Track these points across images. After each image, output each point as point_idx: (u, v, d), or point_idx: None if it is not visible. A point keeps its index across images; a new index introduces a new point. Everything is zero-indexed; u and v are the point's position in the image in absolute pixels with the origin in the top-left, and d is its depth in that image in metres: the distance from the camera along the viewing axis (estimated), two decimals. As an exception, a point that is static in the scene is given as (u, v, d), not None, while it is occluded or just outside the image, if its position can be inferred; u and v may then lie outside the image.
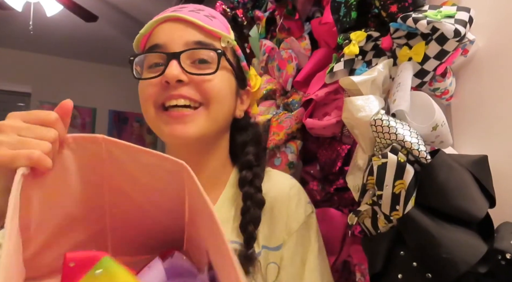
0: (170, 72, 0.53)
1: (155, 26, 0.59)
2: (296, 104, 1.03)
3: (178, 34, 0.56)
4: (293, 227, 0.60)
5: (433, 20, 0.59)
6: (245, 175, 0.61)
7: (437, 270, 0.49)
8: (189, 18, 0.56)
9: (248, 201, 0.58)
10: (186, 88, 0.55)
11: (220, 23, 0.60)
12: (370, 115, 0.57)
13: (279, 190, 0.62)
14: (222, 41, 0.58)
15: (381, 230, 0.57)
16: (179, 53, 0.54)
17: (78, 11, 2.64)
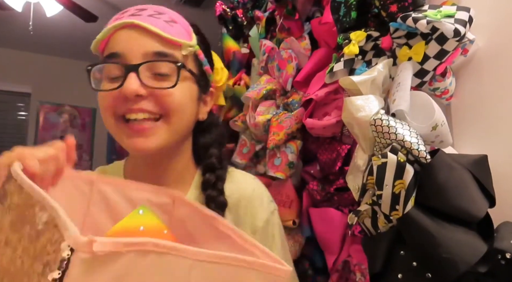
0: (128, 87, 0.51)
1: (113, 32, 0.55)
2: (296, 104, 1.03)
3: (137, 43, 0.53)
4: (257, 225, 0.62)
5: (433, 20, 0.59)
6: (208, 178, 0.62)
7: (437, 270, 0.49)
8: (148, 26, 0.53)
9: (211, 204, 0.60)
10: (146, 101, 0.53)
11: (181, 28, 0.57)
12: (370, 115, 0.57)
13: (243, 191, 0.64)
14: (183, 49, 0.56)
15: (381, 230, 0.57)
16: (137, 65, 0.52)
17: (78, 11, 2.64)
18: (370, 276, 0.57)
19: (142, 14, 0.55)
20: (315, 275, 1.01)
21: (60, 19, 3.00)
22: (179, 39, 0.55)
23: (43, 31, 3.34)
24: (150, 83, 0.53)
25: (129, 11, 0.57)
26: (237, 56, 1.46)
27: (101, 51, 0.58)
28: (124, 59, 0.54)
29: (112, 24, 0.54)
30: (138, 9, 0.57)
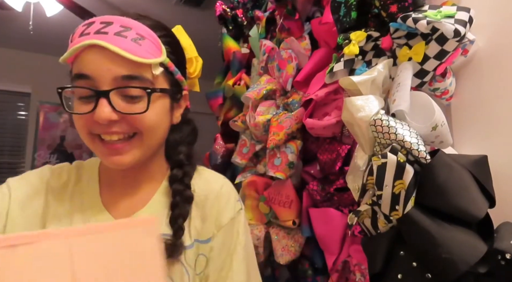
0: (100, 114, 0.53)
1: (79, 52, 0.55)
2: (296, 104, 1.03)
3: (105, 67, 0.53)
4: (223, 222, 0.64)
5: (433, 20, 0.59)
6: (176, 174, 0.65)
7: (437, 270, 0.49)
8: (115, 49, 0.52)
9: (177, 197, 0.62)
10: (118, 124, 0.55)
11: (149, 43, 0.56)
12: (370, 115, 0.57)
13: (211, 188, 0.66)
14: (153, 69, 0.56)
15: (381, 230, 0.57)
16: (107, 92, 0.53)
17: (78, 11, 2.64)
18: (370, 276, 0.57)
19: (109, 31, 0.54)
20: (315, 275, 1.01)
21: (60, 19, 3.00)
22: (148, 60, 0.54)
23: (43, 31, 3.34)
24: (121, 108, 0.54)
25: (95, 25, 0.55)
26: (237, 56, 1.46)
27: (70, 64, 0.59)
28: (93, 82, 0.54)
29: (78, 44, 0.53)
30: (104, 23, 0.56)
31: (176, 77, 0.62)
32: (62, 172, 0.67)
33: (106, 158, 0.57)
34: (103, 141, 0.56)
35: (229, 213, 0.64)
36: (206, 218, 0.63)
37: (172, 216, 0.60)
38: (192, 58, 0.69)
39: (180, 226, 0.59)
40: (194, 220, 0.63)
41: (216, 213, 0.64)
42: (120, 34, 0.54)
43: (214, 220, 0.63)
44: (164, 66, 0.58)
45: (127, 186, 0.65)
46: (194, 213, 0.63)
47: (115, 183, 0.65)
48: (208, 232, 0.63)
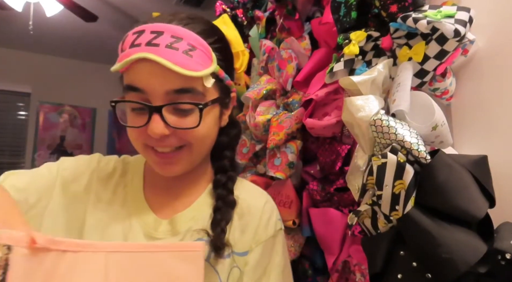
0: (152, 130, 0.54)
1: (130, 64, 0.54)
2: (296, 104, 1.03)
3: (158, 81, 0.54)
4: (261, 238, 0.63)
5: (433, 20, 0.59)
6: (220, 179, 0.65)
7: (437, 270, 0.49)
8: (166, 64, 0.51)
9: (219, 201, 0.63)
10: (170, 138, 0.56)
11: (201, 53, 0.55)
12: (370, 115, 0.57)
13: (255, 202, 0.66)
14: (205, 81, 0.56)
15: (381, 230, 0.57)
16: (160, 107, 0.54)
17: (78, 11, 2.64)
18: (370, 276, 0.57)
19: (160, 43, 0.53)
20: (315, 275, 1.01)
21: (60, 19, 3.00)
22: (199, 73, 0.54)
23: (43, 31, 3.34)
24: (173, 123, 0.55)
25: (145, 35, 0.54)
26: (237, 56, 1.46)
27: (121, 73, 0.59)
28: (146, 96, 0.55)
29: (130, 56, 0.53)
30: (155, 33, 0.54)
31: (226, 83, 0.62)
32: (110, 162, 0.69)
33: (158, 166, 0.59)
34: (156, 151, 0.58)
35: (270, 230, 0.64)
36: (246, 230, 0.63)
37: (215, 219, 0.60)
38: (238, 52, 0.67)
39: (223, 228, 0.59)
40: (234, 230, 0.62)
41: (256, 228, 0.63)
42: (171, 47, 0.53)
43: (254, 234, 0.63)
44: (215, 74, 0.58)
45: (171, 186, 0.65)
46: (234, 223, 0.63)
47: (159, 181, 0.66)
48: (245, 245, 0.62)
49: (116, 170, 0.68)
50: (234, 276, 0.60)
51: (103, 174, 0.66)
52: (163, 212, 0.63)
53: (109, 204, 0.63)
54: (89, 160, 0.68)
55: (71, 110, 4.12)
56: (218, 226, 0.59)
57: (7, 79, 3.82)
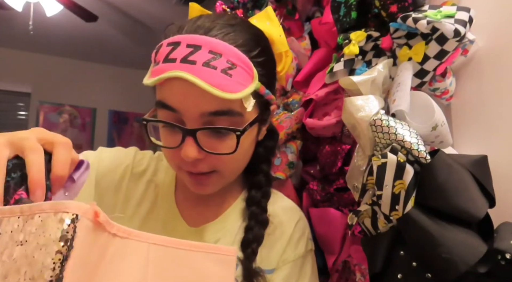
0: (186, 154, 0.51)
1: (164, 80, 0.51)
2: (296, 104, 1.03)
3: (193, 102, 0.50)
4: (290, 257, 0.61)
5: (433, 20, 0.59)
6: (254, 195, 0.62)
7: (437, 270, 0.49)
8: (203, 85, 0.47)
9: (252, 220, 0.60)
10: (205, 163, 0.53)
11: (241, 71, 0.50)
12: (370, 115, 0.57)
13: (287, 218, 0.63)
14: (245, 102, 0.51)
15: (381, 230, 0.57)
16: (194, 131, 0.50)
17: (78, 11, 2.64)
18: (370, 276, 0.57)
19: (197, 60, 0.48)
20: (315, 275, 1.01)
21: (60, 19, 3.00)
22: (238, 95, 0.49)
23: (43, 31, 3.34)
24: (208, 147, 0.52)
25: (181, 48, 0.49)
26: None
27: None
28: (179, 115, 0.51)
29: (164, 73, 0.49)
30: (192, 47, 0.49)
31: (267, 98, 0.57)
32: (144, 158, 0.67)
33: (190, 185, 0.58)
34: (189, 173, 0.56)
35: (299, 249, 0.62)
36: (274, 247, 0.60)
37: (246, 239, 0.58)
38: (281, 53, 0.61)
39: (254, 250, 0.57)
40: (263, 247, 0.59)
41: (285, 246, 0.61)
42: (209, 65, 0.48)
43: (282, 252, 0.60)
44: (255, 92, 0.53)
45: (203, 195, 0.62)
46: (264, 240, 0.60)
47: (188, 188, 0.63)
48: (272, 262, 0.60)
49: (149, 168, 0.66)
50: None
51: (136, 170, 0.65)
52: (192, 220, 0.61)
53: (138, 205, 0.61)
54: (125, 154, 0.66)
55: (71, 110, 4.12)
56: (249, 247, 0.57)
57: (7, 79, 3.82)
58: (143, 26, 3.16)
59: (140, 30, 3.22)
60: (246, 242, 0.58)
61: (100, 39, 3.62)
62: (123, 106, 4.32)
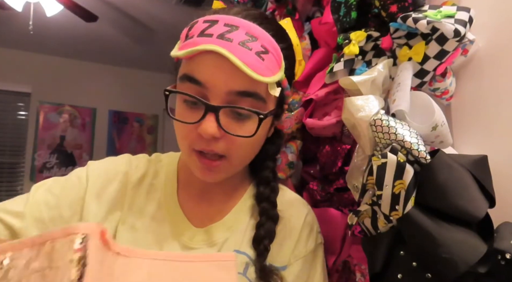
0: (205, 130, 0.50)
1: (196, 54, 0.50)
2: (296, 104, 1.03)
3: (222, 78, 0.49)
4: (301, 253, 0.61)
5: (433, 20, 0.59)
6: (263, 191, 0.62)
7: (437, 270, 0.49)
8: (238, 63, 0.47)
9: (263, 216, 0.59)
10: (220, 143, 0.52)
11: (272, 58, 0.51)
12: (370, 115, 0.57)
13: (296, 213, 0.63)
14: (270, 88, 0.51)
15: (381, 230, 0.57)
16: (218, 108, 0.50)
17: (78, 11, 2.64)
18: (370, 276, 0.57)
19: (233, 39, 0.49)
20: (315, 275, 1.01)
21: (60, 19, 3.00)
22: (268, 79, 0.50)
23: (43, 31, 3.34)
24: (228, 127, 0.51)
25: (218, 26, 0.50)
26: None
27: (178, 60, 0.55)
28: (205, 91, 0.50)
29: (198, 46, 0.48)
30: (229, 27, 0.50)
31: (285, 93, 0.58)
32: (140, 164, 0.65)
33: (198, 171, 0.55)
34: (200, 156, 0.54)
35: (310, 244, 0.62)
36: (285, 243, 0.60)
37: (257, 236, 0.57)
38: (296, 61, 0.64)
39: (266, 247, 0.56)
40: (274, 243, 0.59)
41: (296, 241, 0.60)
42: (244, 45, 0.49)
43: (293, 247, 0.60)
44: (279, 83, 0.54)
45: (207, 191, 0.62)
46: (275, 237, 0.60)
47: (194, 184, 0.63)
48: (283, 259, 0.59)
49: (148, 173, 0.64)
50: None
51: (134, 178, 0.62)
52: (198, 220, 0.60)
53: (141, 213, 0.60)
54: (118, 163, 0.64)
55: (71, 110, 4.12)
56: (261, 244, 0.56)
57: (7, 79, 3.82)
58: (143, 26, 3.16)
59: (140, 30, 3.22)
60: (258, 238, 0.57)
61: (100, 39, 3.61)
62: (123, 106, 4.32)
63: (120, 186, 0.61)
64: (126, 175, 0.62)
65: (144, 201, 0.61)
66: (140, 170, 0.64)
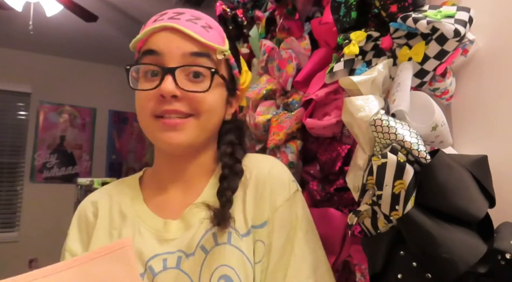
0: (165, 88, 0.55)
1: (151, 33, 0.59)
2: (296, 104, 1.03)
3: (175, 45, 0.57)
4: (277, 204, 0.61)
5: (433, 20, 0.59)
6: (225, 150, 0.65)
7: (437, 270, 0.49)
8: (186, 30, 0.56)
9: (226, 170, 0.62)
10: (180, 103, 0.57)
11: (216, 33, 0.60)
12: (370, 115, 0.57)
13: (261, 169, 0.64)
14: (218, 54, 0.59)
15: (381, 230, 0.57)
16: (174, 68, 0.56)
17: (78, 11, 2.64)
18: (370, 276, 0.57)
19: (181, 18, 0.58)
20: (315, 275, 1.01)
21: (60, 19, 3.00)
22: (215, 44, 0.58)
23: (43, 31, 3.34)
24: (185, 86, 0.57)
25: (167, 14, 0.60)
26: (237, 56, 1.46)
27: (138, 49, 0.62)
28: (161, 57, 0.57)
29: (152, 26, 0.58)
30: (176, 13, 0.60)
31: (234, 72, 0.65)
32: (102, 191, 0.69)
33: (163, 135, 0.58)
34: (162, 118, 0.58)
35: (283, 194, 0.61)
36: (260, 201, 0.61)
37: (220, 188, 0.60)
38: (243, 70, 0.71)
39: (229, 198, 0.58)
40: (248, 205, 0.60)
41: (269, 195, 0.61)
42: (191, 21, 0.58)
43: (268, 202, 0.60)
44: (226, 57, 0.61)
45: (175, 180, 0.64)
46: (247, 197, 0.61)
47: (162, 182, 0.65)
48: (262, 216, 0.60)
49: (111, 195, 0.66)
50: (259, 251, 0.58)
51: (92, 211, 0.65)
52: (172, 213, 0.62)
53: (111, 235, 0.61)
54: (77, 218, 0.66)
55: (71, 110, 4.12)
56: (223, 196, 0.58)
57: (7, 79, 3.82)
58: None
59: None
60: (221, 190, 0.60)
61: (100, 39, 3.61)
62: (123, 106, 4.32)
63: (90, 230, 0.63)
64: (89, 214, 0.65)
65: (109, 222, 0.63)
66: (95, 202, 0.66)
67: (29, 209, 3.77)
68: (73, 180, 3.55)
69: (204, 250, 0.57)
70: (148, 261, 0.56)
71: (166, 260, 0.57)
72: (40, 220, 3.73)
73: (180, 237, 0.59)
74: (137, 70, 0.62)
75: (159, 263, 0.56)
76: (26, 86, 3.91)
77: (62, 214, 3.25)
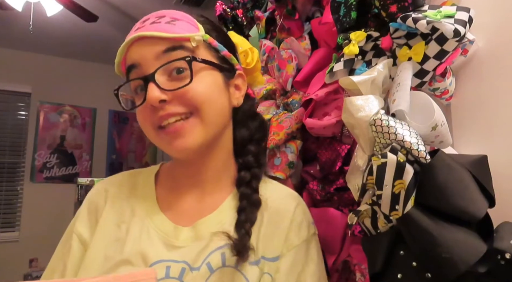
0: (150, 97, 0.54)
1: (126, 51, 0.58)
2: (296, 104, 1.03)
3: (147, 50, 0.56)
4: (294, 242, 0.60)
5: (432, 20, 0.59)
6: (243, 176, 0.62)
7: (436, 270, 0.49)
8: (150, 33, 0.55)
9: (244, 201, 0.60)
10: (171, 105, 0.55)
11: (184, 23, 0.58)
12: (369, 115, 0.57)
13: (285, 203, 0.63)
14: (192, 41, 0.57)
15: (381, 230, 0.57)
16: (152, 74, 0.55)
17: (78, 11, 2.64)
18: (370, 276, 0.57)
19: (145, 24, 0.57)
20: (315, 275, 1.01)
21: (60, 19, 3.00)
22: (183, 34, 0.56)
23: (43, 31, 3.34)
24: (169, 86, 0.55)
25: (135, 27, 0.59)
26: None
27: (124, 70, 0.61)
28: (141, 69, 0.56)
29: (122, 45, 0.57)
30: (141, 21, 0.59)
31: (222, 53, 0.62)
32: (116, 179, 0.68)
33: (169, 145, 0.57)
34: (164, 129, 0.56)
35: (302, 233, 0.61)
36: (275, 233, 0.59)
37: (239, 220, 0.57)
38: (246, 50, 0.69)
39: (247, 231, 0.56)
40: (263, 234, 0.59)
41: (287, 231, 0.60)
42: (154, 23, 0.57)
43: (284, 237, 0.59)
44: (205, 41, 0.59)
45: (191, 186, 0.62)
46: (263, 227, 0.59)
47: (178, 184, 0.63)
48: (275, 250, 0.58)
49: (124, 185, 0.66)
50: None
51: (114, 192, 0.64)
52: (184, 218, 0.60)
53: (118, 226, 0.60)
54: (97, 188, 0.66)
55: (71, 110, 4.12)
56: (242, 228, 0.56)
57: (7, 79, 3.82)
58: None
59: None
60: (239, 222, 0.58)
61: (100, 39, 3.61)
62: (123, 106, 4.31)
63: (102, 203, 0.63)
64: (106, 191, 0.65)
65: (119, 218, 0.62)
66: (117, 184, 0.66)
67: (29, 209, 3.78)
68: (73, 180, 3.56)
69: (209, 268, 0.55)
70: (152, 265, 0.55)
71: (170, 268, 0.55)
72: (40, 220, 3.74)
73: (188, 246, 0.57)
74: (128, 89, 0.61)
75: (162, 270, 0.54)
76: (26, 86, 3.91)
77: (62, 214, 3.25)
